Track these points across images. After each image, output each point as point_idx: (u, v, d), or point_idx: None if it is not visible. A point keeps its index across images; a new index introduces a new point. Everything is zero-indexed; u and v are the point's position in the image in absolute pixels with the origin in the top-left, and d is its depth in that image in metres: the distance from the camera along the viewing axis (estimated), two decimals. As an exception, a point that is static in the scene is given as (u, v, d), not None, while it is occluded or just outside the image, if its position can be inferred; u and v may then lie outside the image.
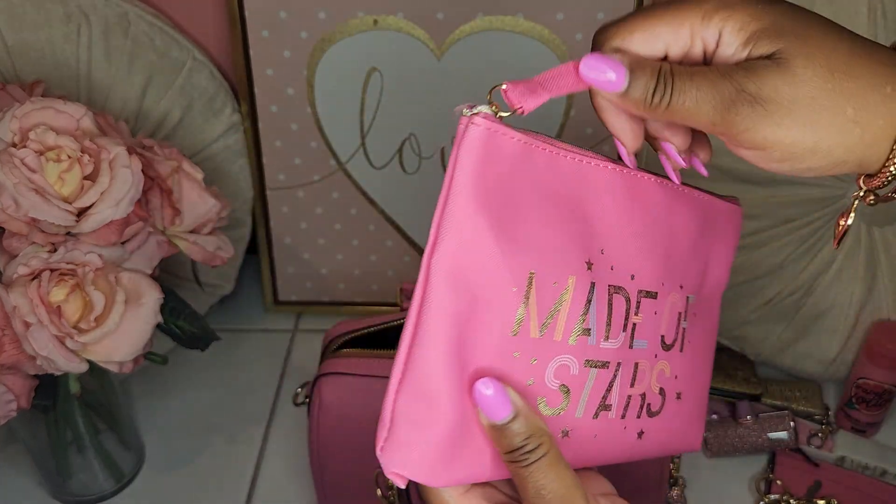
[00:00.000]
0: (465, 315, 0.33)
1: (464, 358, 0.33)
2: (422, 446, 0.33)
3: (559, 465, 0.34)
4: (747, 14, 0.32)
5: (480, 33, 0.71)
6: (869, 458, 0.70)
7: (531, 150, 0.34)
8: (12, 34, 0.67)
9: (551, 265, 0.35)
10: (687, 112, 0.32)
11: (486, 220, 0.32)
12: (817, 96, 0.31)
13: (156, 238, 0.58)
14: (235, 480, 0.71)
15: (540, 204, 0.34)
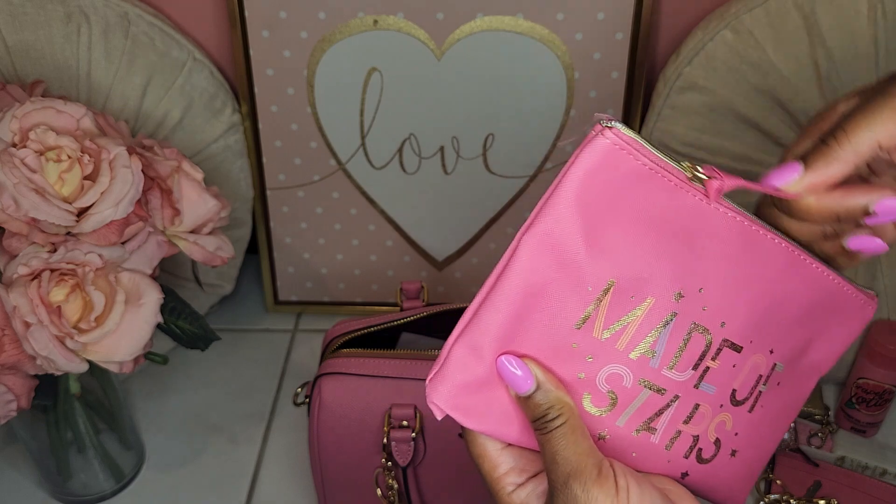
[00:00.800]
0: (537, 294, 0.35)
1: (523, 330, 0.36)
2: (462, 389, 0.36)
3: (575, 434, 0.36)
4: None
5: (480, 33, 0.71)
6: (869, 458, 0.70)
7: (653, 176, 0.35)
8: (12, 34, 0.67)
9: (634, 281, 0.36)
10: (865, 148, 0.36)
11: (582, 220, 0.35)
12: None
13: (156, 238, 0.58)
14: (235, 480, 0.71)
15: (643, 224, 0.36)
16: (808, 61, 0.66)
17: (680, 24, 0.75)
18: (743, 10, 0.66)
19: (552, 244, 0.35)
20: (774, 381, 0.42)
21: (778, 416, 0.45)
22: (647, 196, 0.36)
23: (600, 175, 0.35)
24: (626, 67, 0.73)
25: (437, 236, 0.83)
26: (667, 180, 0.36)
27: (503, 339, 0.36)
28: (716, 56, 0.68)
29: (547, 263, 0.35)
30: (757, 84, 0.67)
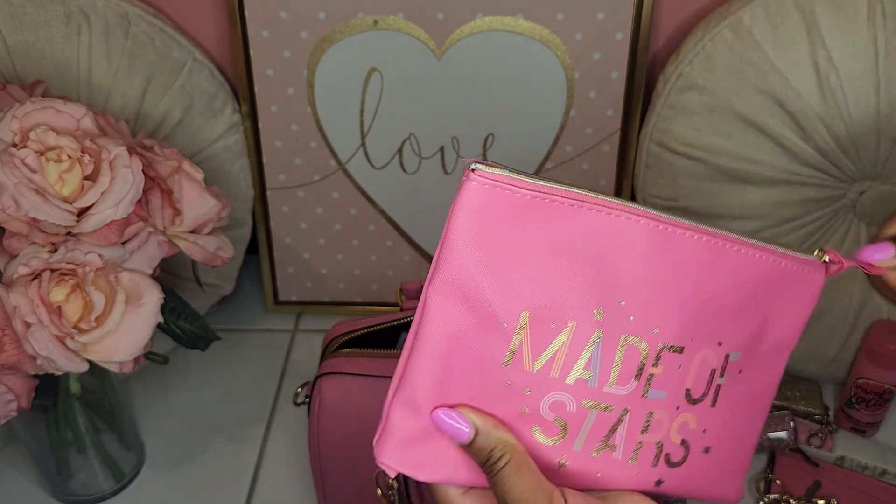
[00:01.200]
0: (458, 340, 0.36)
1: (454, 378, 0.37)
2: (408, 445, 0.37)
3: (521, 471, 0.37)
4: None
5: (480, 33, 0.71)
6: (868, 458, 0.70)
7: (539, 203, 0.35)
8: (13, 34, 0.67)
9: (549, 308, 0.36)
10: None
11: (480, 261, 0.35)
12: None
13: (156, 238, 0.58)
14: (235, 480, 0.71)
15: (543, 250, 0.36)
16: (808, 61, 0.66)
17: (680, 24, 0.75)
18: (743, 9, 0.66)
19: (457, 290, 0.35)
20: (734, 370, 0.42)
21: (749, 401, 0.44)
22: (539, 223, 0.35)
23: (483, 216, 0.35)
24: (626, 67, 0.73)
25: (437, 236, 0.83)
26: (557, 203, 0.35)
27: (436, 391, 0.37)
28: (715, 56, 0.68)
29: (458, 310, 0.36)
30: (757, 84, 0.67)
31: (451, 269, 0.35)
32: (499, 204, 0.35)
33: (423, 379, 0.36)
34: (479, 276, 0.35)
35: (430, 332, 0.36)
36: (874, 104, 0.65)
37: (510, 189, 0.35)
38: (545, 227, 0.36)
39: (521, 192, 0.35)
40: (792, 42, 0.66)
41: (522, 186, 0.35)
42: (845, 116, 0.66)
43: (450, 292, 0.35)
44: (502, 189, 0.35)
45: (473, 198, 0.35)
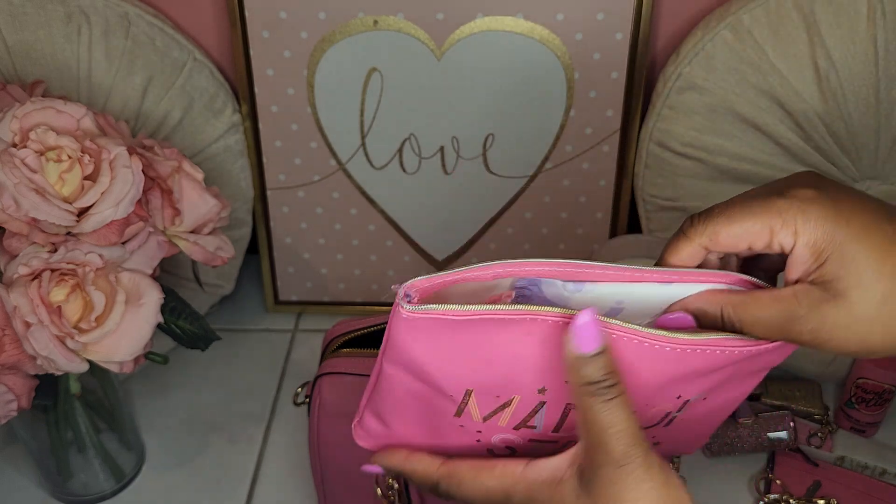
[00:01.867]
0: (413, 394, 0.39)
1: (413, 413, 0.41)
2: (377, 438, 0.43)
3: (629, 409, 0.35)
4: (821, 231, 0.35)
5: (480, 33, 0.71)
6: (868, 458, 0.70)
7: (461, 324, 0.36)
8: (13, 34, 0.67)
9: (492, 387, 0.38)
10: (751, 328, 0.37)
11: (422, 357, 0.37)
12: (871, 324, 0.35)
13: (156, 238, 0.58)
14: (235, 480, 0.71)
15: (479, 352, 0.37)
16: (808, 61, 0.66)
17: (679, 24, 0.75)
18: (742, 10, 0.66)
19: (405, 367, 0.38)
20: (698, 400, 0.42)
21: (712, 414, 0.44)
22: (469, 335, 0.36)
23: (418, 336, 0.36)
24: (626, 67, 0.73)
25: (437, 236, 0.83)
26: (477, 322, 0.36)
27: (399, 420, 0.41)
28: (715, 56, 0.68)
29: (409, 378, 0.39)
30: (756, 84, 0.67)
31: (398, 354, 0.37)
32: (430, 328, 0.36)
33: (387, 410, 0.41)
34: (424, 363, 0.37)
35: (388, 387, 0.39)
36: (874, 104, 0.65)
37: (430, 317, 0.36)
38: (467, 337, 0.37)
39: (440, 318, 0.36)
40: (792, 42, 0.66)
41: (453, 315, 0.36)
42: (845, 116, 0.66)
43: (400, 367, 0.38)
44: (425, 319, 0.36)
45: (403, 326, 0.36)
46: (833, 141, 0.68)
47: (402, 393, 0.39)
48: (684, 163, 0.72)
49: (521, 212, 0.81)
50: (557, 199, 0.80)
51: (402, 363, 0.38)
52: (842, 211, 0.35)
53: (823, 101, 0.66)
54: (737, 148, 0.70)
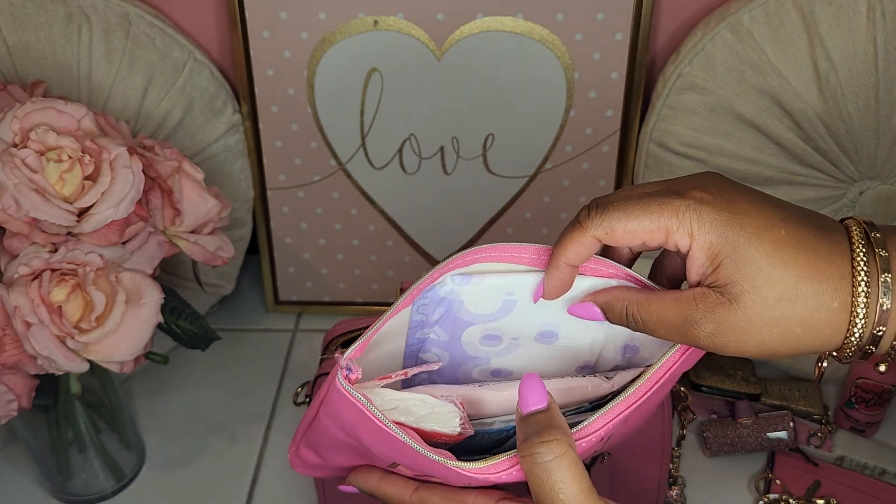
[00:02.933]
0: (346, 443, 0.41)
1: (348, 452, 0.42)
2: (313, 467, 0.46)
3: (577, 467, 0.36)
4: (714, 235, 0.35)
5: (480, 33, 0.72)
6: (868, 458, 0.70)
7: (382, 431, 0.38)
8: (13, 34, 0.67)
9: (418, 469, 0.40)
10: (653, 329, 0.38)
11: (353, 426, 0.39)
12: (768, 325, 0.35)
13: (156, 238, 0.58)
14: (236, 480, 0.71)
15: (402, 452, 0.39)
16: (808, 61, 0.66)
17: (679, 25, 0.75)
18: (742, 10, 0.66)
19: (341, 426, 0.39)
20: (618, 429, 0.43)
21: (642, 418, 0.45)
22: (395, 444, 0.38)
23: (350, 408, 0.38)
24: (626, 68, 0.73)
25: (437, 236, 0.83)
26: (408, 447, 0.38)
27: (336, 453, 0.43)
28: (715, 56, 0.68)
29: (342, 434, 0.40)
30: (756, 84, 0.67)
31: (333, 413, 0.39)
32: (359, 411, 0.38)
33: (322, 447, 0.43)
34: (355, 430, 0.39)
35: (322, 432, 0.41)
36: (874, 104, 0.66)
37: (363, 409, 0.37)
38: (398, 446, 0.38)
39: (371, 418, 0.37)
40: (791, 42, 0.66)
41: (370, 414, 0.37)
42: (845, 116, 0.66)
43: (334, 422, 0.40)
44: (355, 406, 0.37)
45: (338, 396, 0.38)
46: (833, 141, 0.68)
47: (336, 440, 0.41)
48: (684, 163, 0.72)
49: (521, 212, 0.81)
50: (557, 199, 0.80)
51: (337, 420, 0.39)
52: (736, 214, 0.35)
53: (823, 102, 0.66)
54: (736, 148, 0.70)
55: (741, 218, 0.35)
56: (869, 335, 0.35)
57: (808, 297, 0.34)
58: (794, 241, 0.35)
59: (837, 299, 0.35)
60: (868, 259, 0.34)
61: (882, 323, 0.34)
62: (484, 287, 0.40)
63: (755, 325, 0.35)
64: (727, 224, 0.35)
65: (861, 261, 0.34)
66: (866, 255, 0.34)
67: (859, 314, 0.34)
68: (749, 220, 0.35)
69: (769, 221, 0.35)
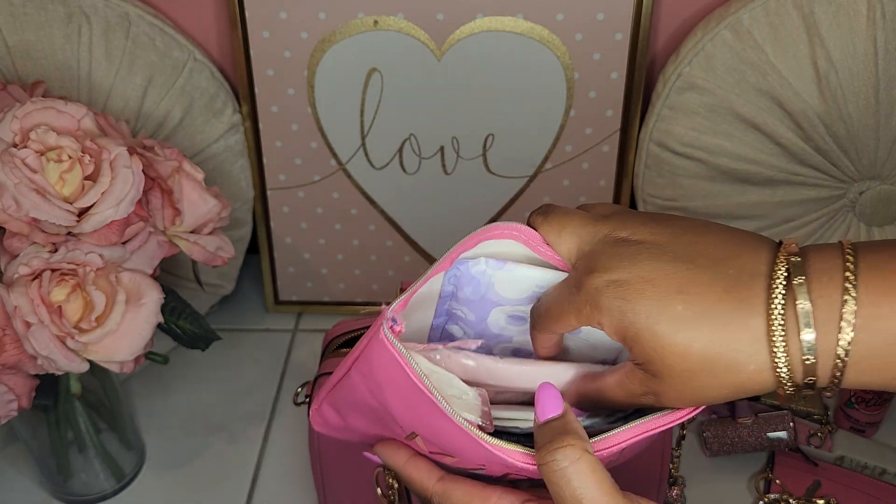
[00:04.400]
0: (370, 405, 0.40)
1: (367, 417, 0.42)
2: (332, 427, 0.45)
3: (597, 472, 0.35)
4: (615, 322, 0.35)
5: (480, 33, 0.72)
6: (868, 458, 0.70)
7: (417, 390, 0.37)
8: (13, 34, 0.67)
9: (435, 442, 0.40)
10: (615, 406, 0.39)
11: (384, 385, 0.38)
12: (694, 390, 0.35)
13: (156, 238, 0.58)
14: (236, 480, 0.71)
15: (426, 419, 0.38)
16: (808, 61, 0.66)
17: (679, 25, 0.75)
18: (742, 10, 0.66)
19: (370, 386, 0.39)
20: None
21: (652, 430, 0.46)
22: (425, 407, 0.37)
23: (388, 363, 0.37)
24: (626, 68, 0.73)
25: (437, 236, 0.83)
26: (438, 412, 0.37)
27: (357, 415, 0.43)
28: (715, 56, 0.68)
29: (369, 395, 0.40)
30: (756, 84, 0.67)
31: (367, 369, 0.38)
32: (397, 367, 0.37)
33: (345, 407, 0.43)
34: (384, 390, 0.38)
35: (350, 391, 0.41)
36: (874, 104, 0.66)
37: (403, 365, 0.37)
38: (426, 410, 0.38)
39: (410, 375, 0.37)
40: (792, 42, 0.66)
41: (409, 370, 0.37)
42: (845, 116, 0.66)
43: (365, 380, 0.39)
44: (395, 359, 0.37)
45: (379, 348, 0.37)
46: (833, 141, 0.68)
47: (361, 401, 0.40)
48: (684, 163, 0.72)
49: (521, 212, 0.81)
50: (557, 199, 0.80)
51: (368, 379, 0.39)
52: (629, 298, 0.34)
53: (823, 102, 0.66)
54: (737, 148, 0.70)
55: (636, 299, 0.34)
56: (799, 384, 0.34)
57: (722, 365, 0.34)
58: (692, 314, 0.33)
59: (754, 363, 0.33)
60: (784, 317, 0.32)
61: (810, 374, 0.33)
62: (517, 275, 0.40)
63: (686, 392, 0.35)
64: (624, 311, 0.34)
65: (778, 321, 0.32)
66: (783, 310, 0.32)
67: (782, 370, 0.33)
68: (644, 301, 0.34)
69: (666, 297, 0.34)
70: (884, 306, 0.31)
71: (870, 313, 0.31)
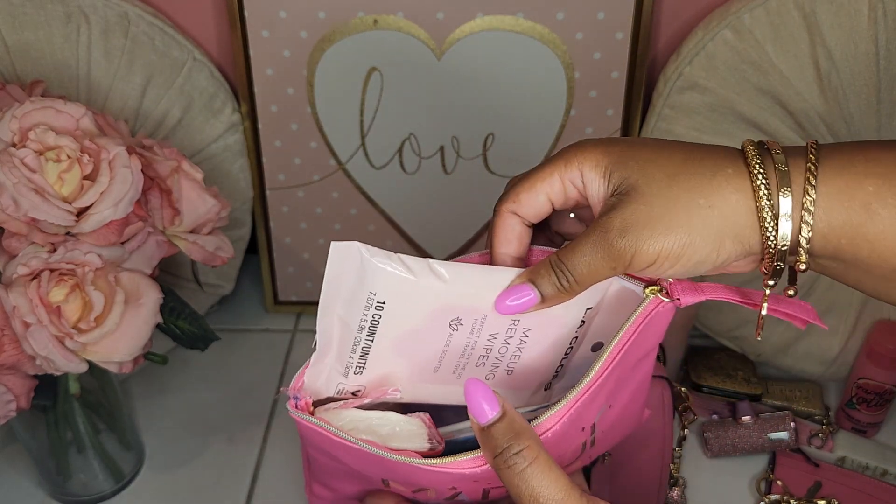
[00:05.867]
0: (340, 469, 0.42)
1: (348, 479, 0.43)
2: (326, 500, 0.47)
3: (552, 468, 0.35)
4: (598, 153, 0.38)
5: (480, 33, 0.71)
6: (869, 459, 0.70)
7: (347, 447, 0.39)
8: (12, 34, 0.67)
9: (406, 483, 0.41)
10: (590, 275, 0.37)
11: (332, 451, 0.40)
12: (669, 202, 0.36)
13: (155, 238, 0.58)
14: (235, 480, 0.71)
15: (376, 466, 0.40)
16: (809, 61, 0.65)
17: (680, 24, 0.75)
18: (743, 9, 0.66)
19: (326, 454, 0.41)
20: (603, 416, 0.43)
21: (627, 405, 0.46)
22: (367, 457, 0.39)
23: (315, 434, 0.39)
24: (627, 67, 0.73)
25: (437, 236, 0.83)
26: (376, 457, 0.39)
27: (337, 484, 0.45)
28: (716, 56, 0.68)
29: (331, 460, 0.42)
30: (757, 84, 0.67)
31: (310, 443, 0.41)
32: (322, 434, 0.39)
33: (327, 479, 0.44)
34: (336, 455, 0.40)
35: (318, 465, 0.43)
36: (875, 104, 0.65)
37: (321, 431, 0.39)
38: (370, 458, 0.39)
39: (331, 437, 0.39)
40: (793, 42, 0.66)
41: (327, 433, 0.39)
42: (846, 116, 0.66)
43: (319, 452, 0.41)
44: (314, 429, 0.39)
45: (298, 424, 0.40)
46: (833, 141, 0.68)
47: (330, 468, 0.41)
48: (685, 163, 0.72)
49: (522, 212, 0.81)
50: (558, 198, 0.80)
51: (318, 449, 0.40)
52: (620, 142, 0.38)
53: (824, 101, 0.66)
54: (737, 148, 0.70)
55: (629, 142, 0.38)
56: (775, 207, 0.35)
57: (699, 167, 0.36)
58: (678, 143, 0.38)
59: (731, 166, 0.36)
60: (762, 156, 0.36)
61: (785, 185, 0.35)
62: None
63: (657, 209, 0.36)
64: (610, 145, 0.38)
65: (754, 156, 0.36)
66: (760, 156, 0.36)
67: (760, 187, 0.35)
68: (637, 147, 0.38)
69: (662, 151, 0.37)
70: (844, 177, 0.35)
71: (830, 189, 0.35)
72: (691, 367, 0.75)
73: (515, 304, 0.38)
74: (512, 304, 0.38)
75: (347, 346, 0.40)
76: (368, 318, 0.39)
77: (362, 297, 0.38)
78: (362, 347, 0.40)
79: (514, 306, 0.38)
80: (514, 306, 0.38)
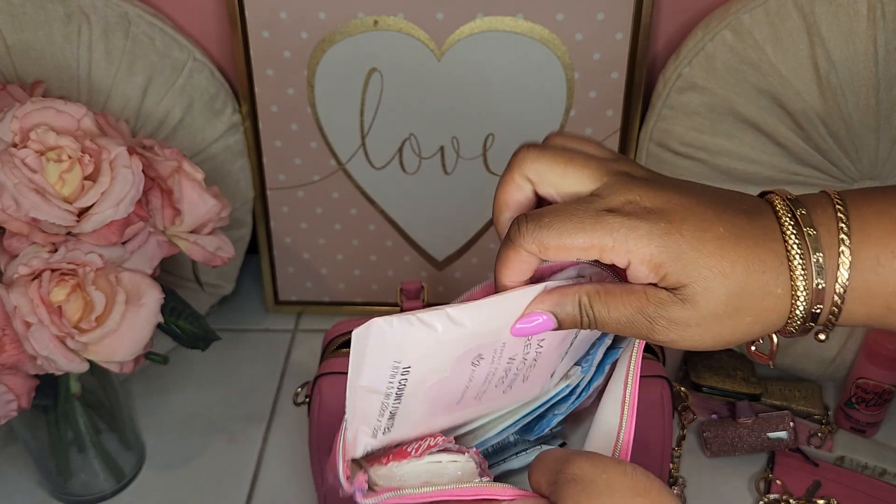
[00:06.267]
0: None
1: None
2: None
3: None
4: (653, 248, 0.35)
5: (480, 33, 0.71)
6: (868, 458, 0.70)
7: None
8: (13, 34, 0.67)
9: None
10: (615, 327, 0.37)
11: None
12: (719, 318, 0.35)
13: (156, 238, 0.58)
14: (235, 480, 0.71)
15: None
16: (808, 61, 0.66)
17: (680, 24, 0.75)
18: (743, 10, 0.66)
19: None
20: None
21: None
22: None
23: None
24: (626, 67, 0.73)
25: (437, 236, 0.83)
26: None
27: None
28: (715, 56, 0.68)
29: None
30: (756, 84, 0.67)
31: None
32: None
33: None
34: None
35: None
36: (874, 104, 0.65)
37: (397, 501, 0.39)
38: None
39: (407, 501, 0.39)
40: (792, 42, 0.66)
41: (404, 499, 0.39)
42: (845, 116, 0.66)
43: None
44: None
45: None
46: (833, 141, 0.68)
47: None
48: (684, 163, 0.72)
49: (521, 212, 0.81)
50: (557, 199, 0.80)
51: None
52: (673, 222, 0.35)
53: (823, 101, 0.66)
54: (737, 148, 0.70)
55: (679, 225, 0.35)
56: (808, 314, 0.36)
57: (756, 287, 0.35)
58: (733, 236, 0.35)
59: (781, 286, 0.35)
60: (800, 241, 0.35)
61: (819, 301, 0.35)
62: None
63: (708, 321, 0.35)
64: (665, 234, 0.35)
65: (794, 244, 0.35)
66: (798, 238, 0.35)
67: (800, 297, 0.35)
68: (687, 226, 0.35)
69: (707, 222, 0.35)
70: (872, 234, 0.35)
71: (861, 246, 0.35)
72: (690, 367, 0.75)
73: (530, 327, 0.39)
74: (526, 328, 0.39)
75: (374, 411, 0.40)
76: (395, 384, 0.38)
77: (387, 367, 0.38)
78: (390, 411, 0.40)
79: (530, 329, 0.39)
80: (528, 329, 0.39)
